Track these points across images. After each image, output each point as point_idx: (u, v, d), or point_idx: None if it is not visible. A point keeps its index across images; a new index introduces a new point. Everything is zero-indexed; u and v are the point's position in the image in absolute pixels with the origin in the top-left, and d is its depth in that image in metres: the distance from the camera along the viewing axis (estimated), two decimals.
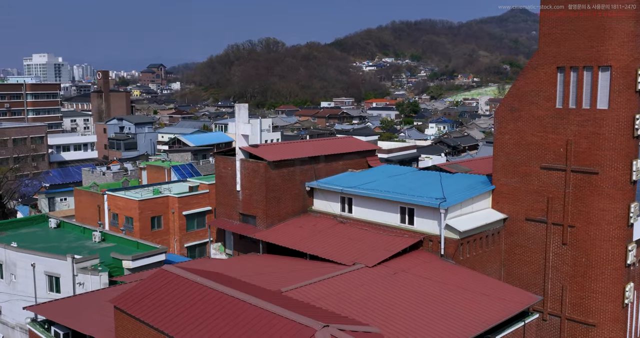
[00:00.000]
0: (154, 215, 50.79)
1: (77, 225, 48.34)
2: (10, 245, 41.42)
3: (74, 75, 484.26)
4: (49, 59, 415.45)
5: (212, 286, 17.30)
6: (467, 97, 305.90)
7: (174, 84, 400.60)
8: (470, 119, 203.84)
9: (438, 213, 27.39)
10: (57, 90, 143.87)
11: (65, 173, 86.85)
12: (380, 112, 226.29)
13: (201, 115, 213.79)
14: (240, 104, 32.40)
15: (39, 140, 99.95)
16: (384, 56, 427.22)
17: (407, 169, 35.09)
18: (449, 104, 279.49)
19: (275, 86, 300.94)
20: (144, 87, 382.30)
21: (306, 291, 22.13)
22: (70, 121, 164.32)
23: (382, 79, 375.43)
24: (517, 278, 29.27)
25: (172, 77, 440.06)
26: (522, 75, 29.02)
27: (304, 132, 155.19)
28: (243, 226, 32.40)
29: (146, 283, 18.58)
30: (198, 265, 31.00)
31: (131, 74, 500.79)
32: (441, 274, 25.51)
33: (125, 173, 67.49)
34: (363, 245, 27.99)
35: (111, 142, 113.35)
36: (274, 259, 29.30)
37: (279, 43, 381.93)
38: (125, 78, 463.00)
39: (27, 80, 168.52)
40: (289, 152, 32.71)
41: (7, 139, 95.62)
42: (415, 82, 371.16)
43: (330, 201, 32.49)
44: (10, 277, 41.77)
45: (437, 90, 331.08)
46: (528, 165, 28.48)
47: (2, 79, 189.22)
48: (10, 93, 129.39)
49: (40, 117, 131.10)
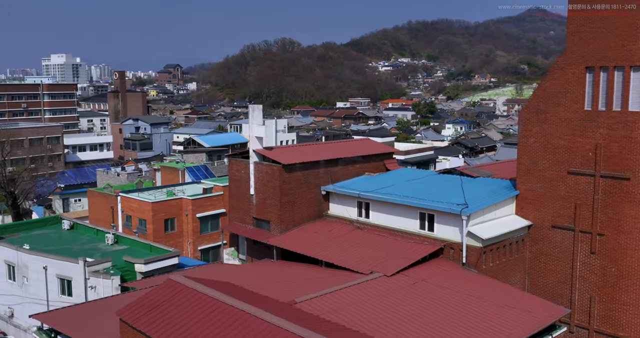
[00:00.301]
0: (167, 218, 50.05)
1: (90, 227, 47.82)
2: (23, 247, 40.95)
3: (92, 76, 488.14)
4: (67, 59, 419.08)
5: (222, 299, 16.31)
6: (484, 97, 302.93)
7: (190, 84, 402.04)
8: (488, 119, 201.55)
9: (459, 219, 26.18)
10: (73, 90, 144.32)
11: (80, 174, 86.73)
12: (396, 112, 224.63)
13: (217, 115, 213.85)
14: (254, 105, 31.43)
15: (55, 140, 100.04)
16: (400, 56, 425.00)
17: (426, 172, 33.88)
18: (466, 105, 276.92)
19: (290, 86, 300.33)
20: (161, 87, 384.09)
21: (321, 302, 21.07)
22: (87, 121, 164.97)
23: (398, 79, 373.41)
24: (542, 288, 27.96)
25: (188, 77, 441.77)
26: (548, 76, 27.69)
27: (320, 133, 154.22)
28: (257, 231, 31.42)
29: (153, 294, 17.66)
30: (210, 271, 30.08)
31: (148, 74, 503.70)
32: (463, 284, 24.30)
33: (139, 175, 66.98)
34: (381, 252, 26.87)
35: (127, 143, 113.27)
36: (288, 266, 28.27)
37: (295, 43, 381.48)
38: (142, 78, 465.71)
39: (44, 80, 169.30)
40: (304, 155, 31.68)
41: (23, 139, 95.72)
42: (432, 83, 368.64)
43: (346, 206, 31.39)
44: (23, 280, 41.29)
45: (453, 91, 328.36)
46: (554, 170, 27.16)
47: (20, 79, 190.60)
48: (28, 93, 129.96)
49: (57, 117, 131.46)
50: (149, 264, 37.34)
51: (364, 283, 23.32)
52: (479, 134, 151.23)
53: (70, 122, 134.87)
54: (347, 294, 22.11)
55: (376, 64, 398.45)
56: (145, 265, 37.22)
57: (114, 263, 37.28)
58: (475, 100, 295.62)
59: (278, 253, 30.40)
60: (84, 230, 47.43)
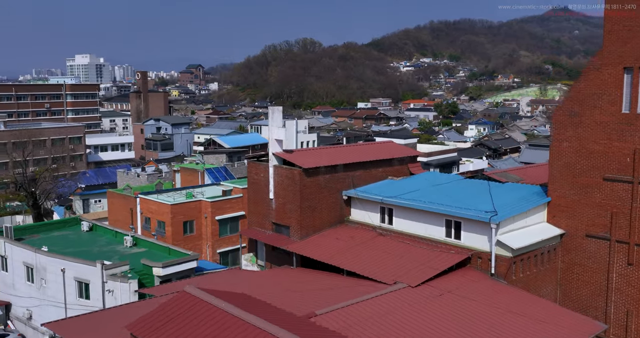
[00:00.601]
0: (186, 220, 49.45)
1: (109, 229, 47.42)
2: (41, 249, 40.60)
3: (115, 76, 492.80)
4: (90, 59, 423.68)
5: (238, 314, 15.35)
6: (508, 98, 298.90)
7: (212, 85, 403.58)
8: (511, 120, 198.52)
9: (488, 227, 24.88)
10: (96, 90, 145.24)
11: (101, 174, 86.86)
12: (418, 113, 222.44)
13: (238, 115, 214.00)
14: (274, 107, 30.44)
15: (77, 140, 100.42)
16: (421, 56, 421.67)
17: (452, 176, 32.59)
18: (489, 105, 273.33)
19: (311, 86, 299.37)
20: (183, 87, 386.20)
21: (341, 315, 19.98)
22: (110, 121, 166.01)
23: (420, 79, 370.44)
24: (575, 300, 26.52)
25: (210, 77, 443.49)
26: (583, 77, 26.24)
27: (341, 133, 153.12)
28: (276, 236, 30.44)
29: (167, 308, 16.76)
30: (228, 277, 29.18)
31: (170, 74, 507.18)
32: (492, 296, 23.02)
33: (159, 175, 66.57)
34: (405, 261, 25.68)
35: (148, 143, 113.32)
36: (308, 274, 27.23)
37: (316, 43, 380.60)
38: (165, 78, 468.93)
39: (67, 80, 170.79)
40: (325, 159, 30.60)
41: (45, 139, 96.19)
42: (454, 83, 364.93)
43: (369, 211, 30.25)
44: (41, 282, 40.94)
45: (476, 91, 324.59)
46: (589, 176, 25.72)
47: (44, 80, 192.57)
48: (51, 93, 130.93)
49: (80, 117, 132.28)
50: (167, 268, 36.76)
51: (387, 295, 22.19)
52: (502, 135, 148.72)
53: (93, 122, 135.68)
54: (370, 306, 20.99)
55: (398, 64, 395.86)
56: (163, 268, 36.64)
57: (132, 266, 36.74)
58: (498, 100, 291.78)
59: (298, 260, 29.39)
60: (103, 232, 47.07)
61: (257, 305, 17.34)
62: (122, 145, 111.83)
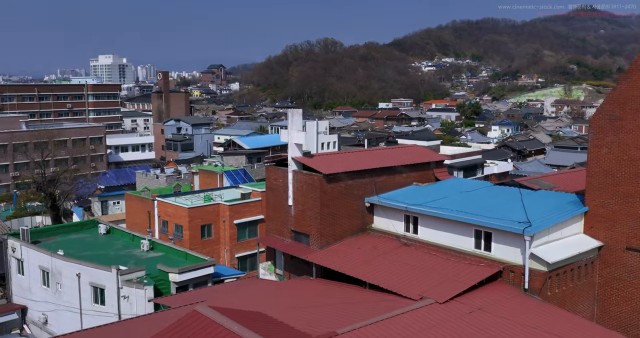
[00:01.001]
0: (204, 224, 48.39)
1: (126, 232, 46.61)
2: (57, 253, 39.85)
3: (138, 76, 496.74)
4: (113, 60, 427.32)
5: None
6: (531, 98, 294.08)
7: (233, 85, 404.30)
8: (536, 121, 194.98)
9: (521, 239, 23.20)
10: (117, 91, 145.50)
11: (121, 174, 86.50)
12: (440, 113, 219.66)
13: (259, 115, 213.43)
14: (293, 110, 29.07)
15: (98, 140, 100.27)
16: (443, 56, 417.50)
17: (480, 183, 30.90)
18: (512, 105, 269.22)
19: (332, 87, 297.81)
20: (204, 87, 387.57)
21: (365, 334, 18.51)
22: (131, 121, 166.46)
23: (442, 79, 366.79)
24: (614, 317, 24.69)
25: (231, 77, 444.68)
26: (625, 78, 24.39)
27: (362, 134, 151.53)
28: (295, 245, 29.05)
29: (177, 329, 15.51)
30: (244, 289, 27.89)
31: (192, 74, 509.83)
32: (527, 314, 21.36)
33: (178, 177, 65.72)
34: (432, 274, 24.12)
35: (168, 143, 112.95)
36: (328, 286, 25.79)
37: (337, 43, 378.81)
38: (187, 78, 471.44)
39: (89, 81, 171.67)
40: (346, 164, 29.14)
41: (66, 139, 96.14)
42: (476, 83, 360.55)
43: (392, 219, 28.71)
44: (57, 286, 40.20)
45: (499, 91, 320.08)
46: (631, 185, 23.88)
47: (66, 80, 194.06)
48: (73, 93, 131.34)
49: (101, 117, 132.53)
50: (183, 274, 35.77)
51: (413, 312, 20.66)
52: (527, 137, 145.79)
53: (114, 122, 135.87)
54: (395, 325, 19.49)
55: (419, 64, 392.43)
56: (180, 274, 35.66)
57: (148, 271, 35.80)
58: (522, 101, 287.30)
59: (318, 270, 27.97)
60: (120, 235, 46.30)
61: (272, 327, 15.98)
62: (143, 145, 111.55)
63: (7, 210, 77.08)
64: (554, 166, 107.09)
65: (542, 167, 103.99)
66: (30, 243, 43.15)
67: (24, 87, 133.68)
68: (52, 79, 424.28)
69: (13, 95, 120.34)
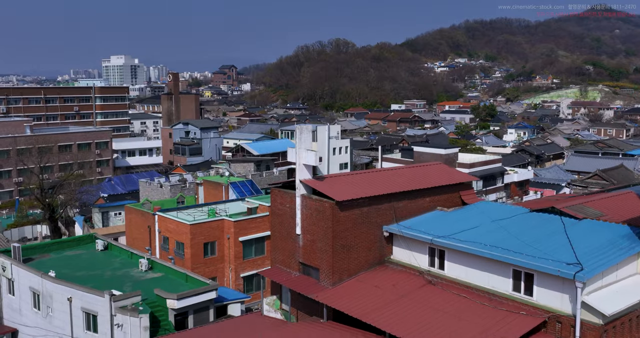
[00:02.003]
0: (207, 241, 44.94)
1: (124, 249, 43.28)
2: (48, 275, 36.53)
3: (150, 77, 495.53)
4: (125, 60, 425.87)
5: None
6: (546, 99, 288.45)
7: (245, 85, 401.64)
8: (552, 123, 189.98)
9: (570, 284, 19.45)
10: (125, 93, 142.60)
11: (127, 181, 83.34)
12: (454, 115, 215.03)
13: (269, 117, 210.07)
14: (302, 126, 25.43)
15: (104, 145, 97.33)
16: (456, 56, 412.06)
17: (514, 209, 27.05)
18: (527, 107, 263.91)
19: (344, 88, 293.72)
20: (215, 88, 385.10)
21: None
22: (140, 123, 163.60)
23: (455, 80, 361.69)
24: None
25: (242, 78, 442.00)
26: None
27: (374, 137, 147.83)
28: (303, 280, 25.41)
29: None
30: (246, 330, 24.30)
31: (204, 75, 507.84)
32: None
33: (183, 186, 62.29)
34: (464, 324, 20.38)
35: (176, 147, 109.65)
36: (341, 333, 22.12)
37: (349, 44, 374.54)
38: (198, 79, 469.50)
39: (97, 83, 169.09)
40: (362, 188, 25.44)
41: (71, 144, 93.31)
42: (490, 84, 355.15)
43: (415, 251, 25.01)
44: (47, 310, 36.82)
45: (513, 92, 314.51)
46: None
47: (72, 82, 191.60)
48: (80, 96, 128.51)
49: (109, 120, 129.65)
50: (182, 300, 32.40)
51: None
52: (544, 140, 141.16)
53: (121, 125, 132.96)
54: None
55: (432, 64, 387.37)
56: (179, 301, 32.30)
57: (145, 296, 32.47)
58: (537, 102, 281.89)
59: (329, 311, 24.32)
60: (118, 252, 42.95)
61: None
62: (150, 149, 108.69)
63: (9, 217, 74.42)
64: (574, 172, 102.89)
65: (562, 174, 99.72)
66: (22, 261, 40.01)
67: (30, 89, 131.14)
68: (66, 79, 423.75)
69: (19, 98, 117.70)
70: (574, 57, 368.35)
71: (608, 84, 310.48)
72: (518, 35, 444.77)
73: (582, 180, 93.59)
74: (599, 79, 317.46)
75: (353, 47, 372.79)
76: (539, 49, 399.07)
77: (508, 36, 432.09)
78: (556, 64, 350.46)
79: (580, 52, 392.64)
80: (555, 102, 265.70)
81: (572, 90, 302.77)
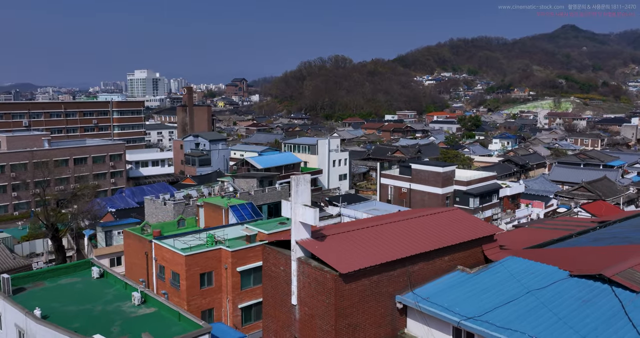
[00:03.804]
0: (203, 272, 37.96)
1: (119, 279, 36.33)
2: (32, 313, 29.56)
3: (171, 88, 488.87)
4: (148, 74, 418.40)
5: None
6: (524, 109, 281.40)
7: (254, 96, 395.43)
8: (531, 133, 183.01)
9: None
10: (140, 107, 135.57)
11: (138, 193, 76.35)
12: (442, 125, 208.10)
13: (275, 126, 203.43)
14: (299, 177, 18.35)
15: (118, 157, 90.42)
16: (442, 71, 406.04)
17: (549, 270, 20.05)
18: (506, 117, 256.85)
19: (342, 99, 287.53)
20: (228, 99, 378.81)
21: None
22: (157, 133, 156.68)
23: (441, 92, 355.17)
24: None
25: (252, 89, 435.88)
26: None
27: (370, 146, 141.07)
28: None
29: None
30: None
31: (218, 87, 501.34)
32: None
33: (186, 203, 55.20)
34: None
35: (187, 158, 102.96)
36: None
37: (347, 60, 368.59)
38: (213, 90, 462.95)
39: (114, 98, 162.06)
40: (370, 251, 18.40)
41: (87, 156, 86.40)
42: (472, 95, 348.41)
43: (434, 328, 18.01)
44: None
45: (494, 103, 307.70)
46: None
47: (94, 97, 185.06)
48: (98, 110, 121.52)
49: (125, 132, 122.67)
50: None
51: None
52: (527, 150, 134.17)
53: (137, 136, 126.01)
54: None
55: (420, 78, 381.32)
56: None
57: (133, 337, 25.88)
58: (515, 112, 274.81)
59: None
60: (113, 282, 36.01)
61: None
62: (162, 160, 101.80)
63: (24, 228, 68.02)
64: (559, 182, 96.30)
65: (549, 185, 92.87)
66: (14, 291, 33.44)
67: (51, 104, 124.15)
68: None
69: (41, 112, 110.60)
70: (548, 72, 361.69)
71: (579, 95, 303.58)
72: (497, 51, 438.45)
73: (568, 192, 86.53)
74: (570, 92, 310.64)
75: (350, 62, 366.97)
76: (515, 64, 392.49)
77: (488, 53, 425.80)
78: (532, 77, 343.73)
79: (553, 67, 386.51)
80: (532, 112, 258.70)
81: (547, 102, 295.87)
